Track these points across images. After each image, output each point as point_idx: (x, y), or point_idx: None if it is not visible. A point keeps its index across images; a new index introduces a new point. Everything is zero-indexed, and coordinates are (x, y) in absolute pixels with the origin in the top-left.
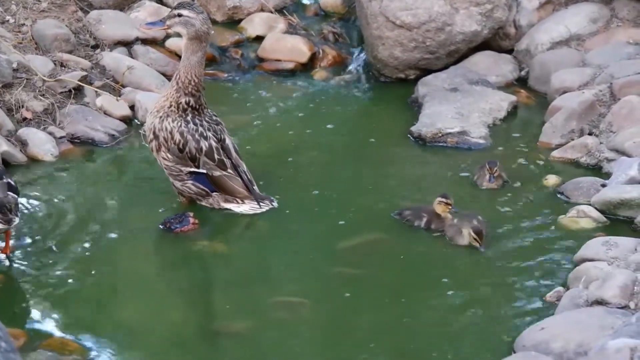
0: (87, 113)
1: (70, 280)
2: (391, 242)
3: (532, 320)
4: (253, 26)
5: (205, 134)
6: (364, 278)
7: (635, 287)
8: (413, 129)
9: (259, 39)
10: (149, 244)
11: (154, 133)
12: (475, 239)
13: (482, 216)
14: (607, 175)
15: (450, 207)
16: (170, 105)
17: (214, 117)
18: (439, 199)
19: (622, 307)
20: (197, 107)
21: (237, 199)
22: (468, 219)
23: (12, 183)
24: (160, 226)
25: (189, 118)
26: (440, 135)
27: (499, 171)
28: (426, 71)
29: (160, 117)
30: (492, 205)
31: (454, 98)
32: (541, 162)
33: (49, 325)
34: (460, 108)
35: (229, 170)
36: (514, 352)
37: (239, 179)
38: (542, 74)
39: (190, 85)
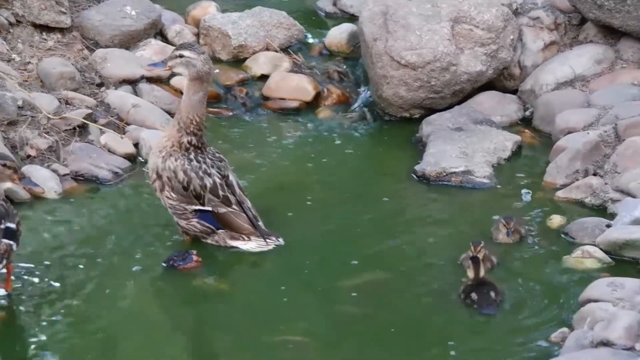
0: (91, 151)
1: (71, 318)
2: (396, 282)
3: None
4: (258, 65)
5: (208, 171)
6: (369, 318)
7: None
8: (417, 168)
9: (264, 77)
10: (152, 282)
11: (157, 173)
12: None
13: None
14: (612, 216)
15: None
16: (173, 145)
17: (217, 154)
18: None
19: (627, 349)
20: (199, 145)
21: (243, 236)
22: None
23: (12, 227)
24: (163, 264)
25: (191, 156)
26: (444, 174)
27: (515, 226)
28: (431, 110)
29: (163, 156)
30: (497, 245)
31: (459, 137)
32: (546, 203)
33: None
34: (464, 147)
35: (234, 207)
36: None
37: (244, 216)
38: (546, 114)
39: (192, 124)
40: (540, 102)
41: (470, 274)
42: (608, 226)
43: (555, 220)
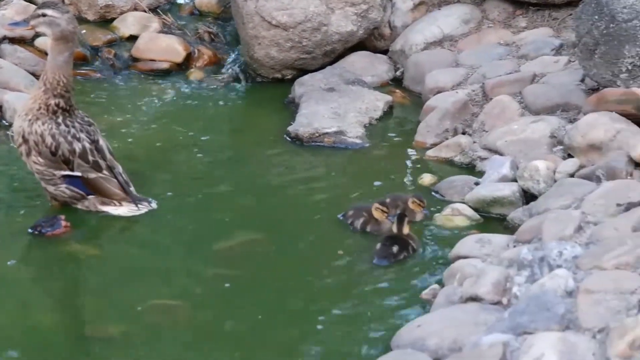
0: None
1: None
2: (268, 243)
3: (408, 318)
4: (126, 25)
5: (77, 136)
6: (241, 279)
7: (508, 284)
8: (290, 129)
9: (133, 38)
10: (18, 249)
11: (23, 137)
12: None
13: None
14: (481, 174)
15: (386, 215)
16: (39, 108)
17: (86, 118)
18: (376, 204)
19: (495, 303)
20: (68, 108)
21: (115, 202)
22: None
23: None
24: (29, 230)
25: (59, 120)
26: (317, 135)
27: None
28: (303, 71)
29: (30, 120)
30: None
31: (331, 98)
32: (416, 162)
33: None
34: (336, 108)
35: (105, 172)
36: (391, 350)
37: (115, 181)
38: (416, 74)
39: (59, 86)
40: (410, 62)
41: (394, 228)
42: (476, 184)
43: (426, 179)
